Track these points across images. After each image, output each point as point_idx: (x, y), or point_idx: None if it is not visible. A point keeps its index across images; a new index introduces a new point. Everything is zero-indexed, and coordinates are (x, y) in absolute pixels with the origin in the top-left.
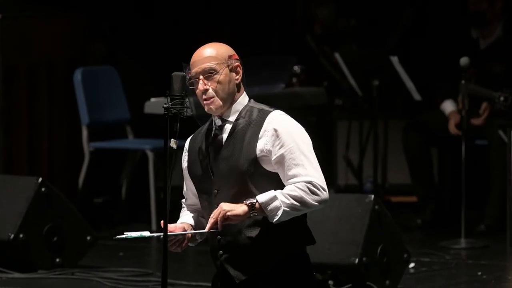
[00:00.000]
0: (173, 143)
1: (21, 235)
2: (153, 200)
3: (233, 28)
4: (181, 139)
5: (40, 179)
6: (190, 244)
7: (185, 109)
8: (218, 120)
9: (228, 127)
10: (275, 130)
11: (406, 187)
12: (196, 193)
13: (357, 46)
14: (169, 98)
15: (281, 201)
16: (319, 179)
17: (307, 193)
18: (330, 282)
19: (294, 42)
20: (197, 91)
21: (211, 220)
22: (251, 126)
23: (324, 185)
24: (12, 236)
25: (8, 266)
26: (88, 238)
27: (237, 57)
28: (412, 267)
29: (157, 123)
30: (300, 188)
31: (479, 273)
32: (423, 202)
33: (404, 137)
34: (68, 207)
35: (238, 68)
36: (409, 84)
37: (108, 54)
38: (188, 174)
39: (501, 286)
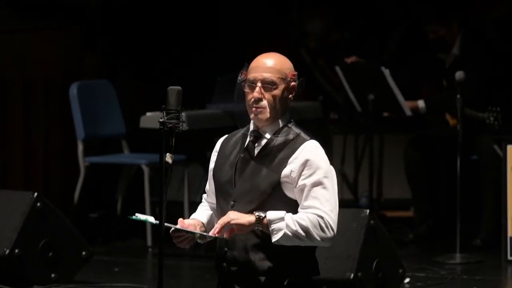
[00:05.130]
0: (168, 158)
1: (16, 250)
2: (149, 215)
3: (227, 43)
4: (177, 154)
5: (36, 194)
6: (199, 241)
7: (181, 123)
8: (255, 131)
9: (262, 142)
10: (306, 161)
11: (402, 201)
12: None
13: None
14: (164, 112)
15: (287, 224)
16: (332, 218)
17: (315, 227)
18: None
19: (289, 55)
20: (250, 96)
21: (217, 226)
22: (284, 149)
23: (334, 226)
24: (7, 251)
25: (4, 281)
26: (84, 253)
27: (296, 75)
28: (407, 282)
29: (152, 138)
30: (310, 219)
31: None
32: (421, 218)
33: (406, 154)
34: (63, 222)
35: (293, 88)
36: (401, 98)
37: (104, 68)
38: (212, 175)
39: None
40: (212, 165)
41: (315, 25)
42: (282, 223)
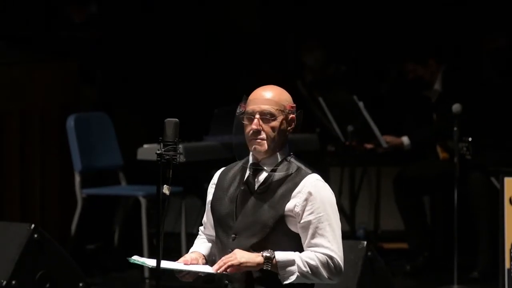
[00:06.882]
0: (166, 189)
1: (13, 282)
2: (146, 246)
3: (224, 75)
4: (174, 185)
5: (33, 226)
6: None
7: (178, 155)
8: (255, 164)
9: (263, 175)
10: (310, 194)
11: (398, 233)
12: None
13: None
14: (162, 144)
15: (298, 266)
16: (340, 256)
17: (325, 267)
18: None
19: (285, 87)
20: (248, 128)
21: (220, 263)
22: (285, 183)
23: (342, 263)
24: (4, 282)
25: None
26: (81, 284)
27: (294, 107)
28: None
29: (150, 169)
30: (319, 259)
31: None
32: (416, 250)
33: (395, 187)
34: (60, 253)
35: (292, 120)
36: (376, 130)
37: (100, 100)
38: (210, 208)
39: None
40: (210, 197)
41: (311, 58)
42: (294, 267)
